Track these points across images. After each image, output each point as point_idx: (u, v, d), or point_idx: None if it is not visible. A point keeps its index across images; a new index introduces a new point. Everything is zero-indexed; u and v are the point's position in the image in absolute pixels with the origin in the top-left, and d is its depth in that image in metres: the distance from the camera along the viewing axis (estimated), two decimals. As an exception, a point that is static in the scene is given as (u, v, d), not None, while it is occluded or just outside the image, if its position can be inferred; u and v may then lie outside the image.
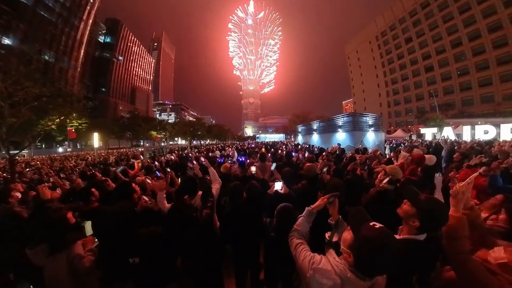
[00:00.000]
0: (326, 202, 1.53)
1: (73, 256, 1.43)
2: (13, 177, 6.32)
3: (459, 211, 1.18)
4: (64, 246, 1.45)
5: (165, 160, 7.47)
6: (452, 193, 1.22)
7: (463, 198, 1.19)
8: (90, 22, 51.93)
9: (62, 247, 1.45)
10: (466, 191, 1.20)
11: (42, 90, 7.43)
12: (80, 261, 1.42)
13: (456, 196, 1.19)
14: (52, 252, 1.42)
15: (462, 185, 1.22)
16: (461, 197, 1.18)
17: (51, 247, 1.42)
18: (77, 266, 1.41)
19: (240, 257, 2.13)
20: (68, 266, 1.41)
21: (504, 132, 13.94)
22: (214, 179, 2.58)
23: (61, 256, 1.42)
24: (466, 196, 1.21)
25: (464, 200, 1.20)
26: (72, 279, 1.41)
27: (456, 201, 1.19)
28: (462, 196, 1.19)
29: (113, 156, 16.86)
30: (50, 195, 2.54)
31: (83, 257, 1.46)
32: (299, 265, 1.21)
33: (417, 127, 30.08)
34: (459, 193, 1.19)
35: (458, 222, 1.14)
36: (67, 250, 1.45)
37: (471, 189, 1.27)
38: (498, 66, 29.93)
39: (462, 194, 1.19)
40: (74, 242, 1.51)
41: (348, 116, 12.24)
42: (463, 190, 1.19)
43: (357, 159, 4.28)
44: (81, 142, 40.69)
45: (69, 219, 1.57)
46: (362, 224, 1.00)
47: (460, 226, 1.14)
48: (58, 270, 1.40)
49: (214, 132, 40.89)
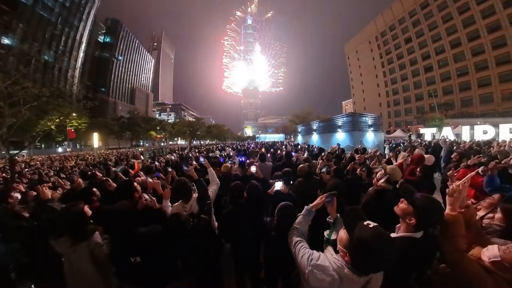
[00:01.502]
0: (324, 201, 1.55)
1: (94, 245, 1.55)
2: (13, 177, 6.32)
3: (456, 209, 1.20)
4: (85, 237, 1.55)
5: (165, 160, 7.48)
6: (448, 192, 1.25)
7: (459, 197, 1.21)
8: (90, 22, 51.89)
9: (84, 238, 1.55)
10: (462, 190, 1.23)
11: (41, 90, 7.44)
12: (100, 249, 1.56)
13: (452, 195, 1.21)
14: (74, 243, 1.51)
15: (458, 184, 1.24)
16: (457, 196, 1.21)
17: (73, 238, 1.52)
18: (98, 254, 1.54)
19: (241, 256, 2.15)
20: (90, 255, 1.52)
21: (503, 132, 13.98)
22: (212, 180, 2.58)
23: (83, 246, 1.53)
24: (462, 195, 1.23)
25: (460, 199, 1.22)
26: (94, 268, 1.53)
27: (452, 200, 1.21)
28: (458, 195, 1.21)
29: (112, 156, 16.85)
30: (50, 195, 2.55)
31: (102, 245, 1.59)
32: (298, 262, 1.23)
33: (417, 127, 30.10)
34: (455, 192, 1.21)
35: (455, 220, 1.16)
36: (88, 240, 1.55)
37: (467, 188, 1.30)
38: (497, 66, 30.01)
39: (458, 193, 1.21)
40: (93, 232, 1.61)
41: (348, 116, 12.26)
42: (459, 189, 1.22)
43: (356, 159, 4.31)
44: (80, 142, 40.63)
45: (86, 212, 1.66)
46: (357, 223, 1.01)
47: (456, 225, 1.15)
48: (80, 259, 1.51)
49: (214, 132, 40.80)
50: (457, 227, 1.15)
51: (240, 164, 3.77)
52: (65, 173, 7.85)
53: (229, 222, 2.15)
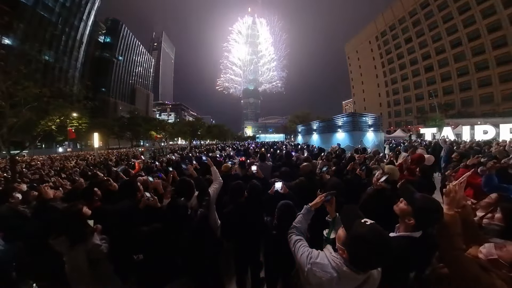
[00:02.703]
0: (323, 200, 1.56)
1: (92, 246, 1.58)
2: (14, 177, 6.35)
3: (452, 209, 1.21)
4: (83, 238, 1.58)
5: (166, 160, 7.49)
6: (445, 192, 1.26)
7: (456, 197, 1.22)
8: (90, 22, 51.92)
9: (82, 239, 1.57)
10: (458, 190, 1.24)
11: (42, 90, 7.46)
12: (98, 249, 1.59)
13: (449, 195, 1.23)
14: (72, 244, 1.55)
15: (455, 184, 1.25)
16: (453, 196, 1.22)
17: (71, 239, 1.55)
18: (95, 255, 1.58)
19: (241, 255, 2.17)
20: (86, 255, 1.56)
21: (503, 132, 13.96)
22: (215, 178, 2.60)
23: (80, 247, 1.56)
24: (459, 195, 1.24)
25: (457, 198, 1.23)
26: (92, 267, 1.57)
27: (449, 199, 1.22)
28: (454, 195, 1.22)
29: (113, 156, 16.87)
30: (53, 194, 2.57)
31: (100, 245, 1.62)
32: (298, 260, 1.25)
33: (417, 127, 30.10)
34: (451, 192, 1.22)
35: (451, 219, 1.18)
36: (86, 241, 1.59)
37: (463, 188, 1.31)
38: (497, 66, 29.95)
39: (455, 193, 1.22)
40: (92, 234, 1.64)
41: (348, 116, 12.26)
42: (456, 189, 1.23)
43: (356, 159, 4.31)
44: (81, 142, 40.66)
45: (85, 213, 1.68)
46: (354, 221, 1.02)
47: (453, 224, 1.17)
48: (79, 259, 1.55)
49: (214, 132, 40.82)
50: (454, 226, 1.16)
51: (240, 164, 3.78)
52: (65, 173, 7.87)
53: (229, 221, 2.17)
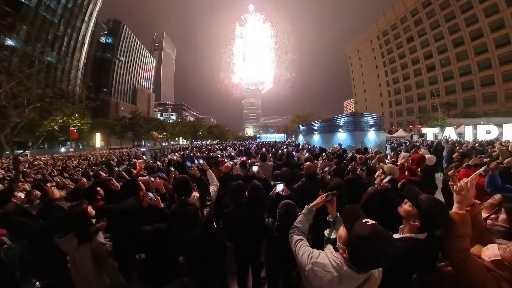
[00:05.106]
0: (324, 200, 1.56)
1: (96, 245, 1.63)
2: (17, 177, 6.40)
3: (463, 208, 1.17)
4: (88, 238, 1.63)
5: (167, 160, 7.52)
6: (456, 189, 1.21)
7: (467, 195, 1.18)
8: (92, 23, 52.22)
9: (87, 239, 1.62)
10: (470, 188, 1.19)
11: (45, 90, 7.54)
12: (103, 248, 1.64)
13: (460, 192, 1.18)
14: (79, 244, 1.59)
15: (467, 181, 1.20)
16: (465, 194, 1.17)
17: (78, 239, 1.59)
18: (100, 253, 1.63)
19: (242, 255, 2.17)
20: (91, 254, 1.61)
21: (506, 132, 13.78)
22: (212, 182, 2.60)
23: (86, 245, 1.61)
24: (470, 193, 1.20)
25: (468, 197, 1.19)
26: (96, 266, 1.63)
27: (460, 198, 1.18)
28: (466, 193, 1.18)
29: (115, 156, 16.96)
30: (58, 194, 2.60)
31: (104, 244, 1.67)
32: (299, 260, 1.25)
33: (419, 127, 29.94)
34: (463, 190, 1.18)
35: (462, 219, 1.13)
36: (91, 240, 1.63)
37: (474, 186, 1.25)
38: (500, 65, 29.70)
39: (467, 191, 1.18)
40: (96, 232, 1.68)
41: (349, 116, 12.24)
42: (468, 186, 1.18)
43: (357, 159, 4.30)
44: (83, 142, 40.93)
45: (90, 213, 1.72)
46: (355, 221, 1.02)
47: (463, 224, 1.12)
48: (83, 258, 1.59)
49: (215, 132, 40.94)
50: (465, 226, 1.12)
51: (241, 164, 3.78)
52: (68, 172, 7.93)
53: (230, 221, 2.17)
